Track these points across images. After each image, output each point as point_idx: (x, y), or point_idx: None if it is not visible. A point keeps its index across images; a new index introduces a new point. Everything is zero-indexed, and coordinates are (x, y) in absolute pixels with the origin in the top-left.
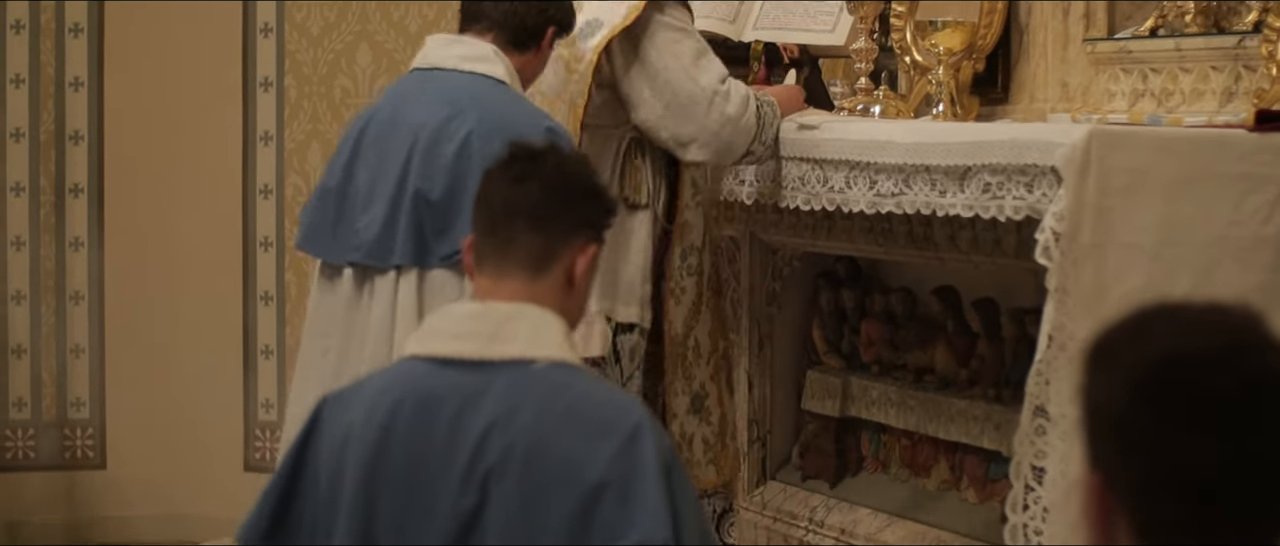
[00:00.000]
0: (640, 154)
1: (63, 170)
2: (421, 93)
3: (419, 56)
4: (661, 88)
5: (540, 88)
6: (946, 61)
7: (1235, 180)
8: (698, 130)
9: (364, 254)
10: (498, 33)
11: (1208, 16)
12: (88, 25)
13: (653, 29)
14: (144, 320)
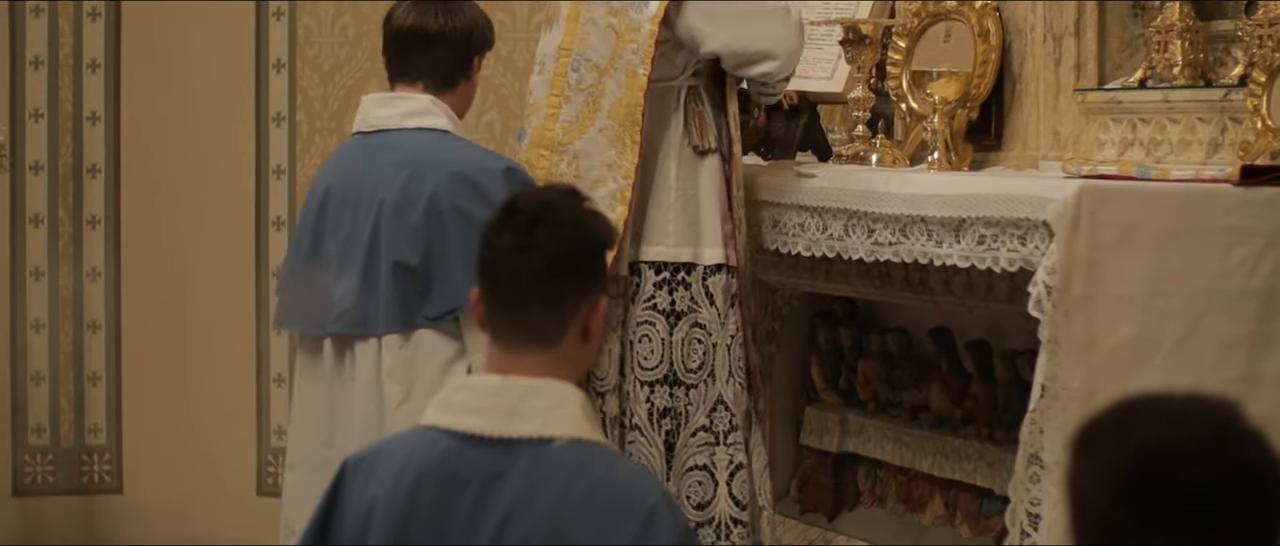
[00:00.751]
0: (700, 99)
1: (81, 202)
2: (373, 158)
3: (359, 118)
4: (730, 15)
5: (586, 56)
6: (942, 110)
7: (1222, 233)
8: (774, 42)
9: (345, 325)
10: (427, 82)
11: (1195, 69)
12: (105, 61)
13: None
14: (160, 348)
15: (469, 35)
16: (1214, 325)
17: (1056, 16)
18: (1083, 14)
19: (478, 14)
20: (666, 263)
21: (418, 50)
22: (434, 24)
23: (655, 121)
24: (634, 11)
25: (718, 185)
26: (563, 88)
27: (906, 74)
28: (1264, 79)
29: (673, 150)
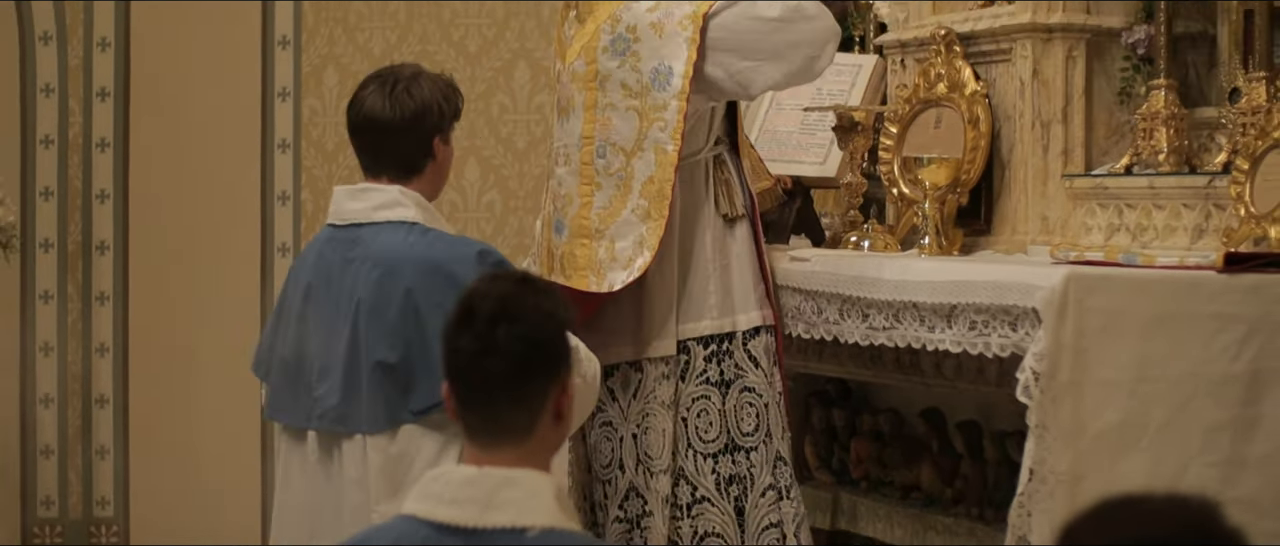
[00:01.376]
0: (725, 167)
1: (90, 279)
2: (348, 255)
3: (332, 210)
4: (754, 51)
5: (611, 140)
6: (932, 195)
7: (1206, 320)
8: (810, 43)
9: (329, 422)
10: (391, 173)
11: (1180, 156)
12: (114, 140)
13: (713, 39)
14: (167, 422)
15: (424, 118)
16: (1199, 409)
17: (1044, 104)
18: (1070, 101)
19: (434, 90)
20: (713, 336)
21: (376, 141)
22: (386, 113)
23: (687, 195)
24: (656, 91)
25: (749, 250)
26: (592, 175)
27: (898, 160)
28: (1247, 166)
29: (707, 222)
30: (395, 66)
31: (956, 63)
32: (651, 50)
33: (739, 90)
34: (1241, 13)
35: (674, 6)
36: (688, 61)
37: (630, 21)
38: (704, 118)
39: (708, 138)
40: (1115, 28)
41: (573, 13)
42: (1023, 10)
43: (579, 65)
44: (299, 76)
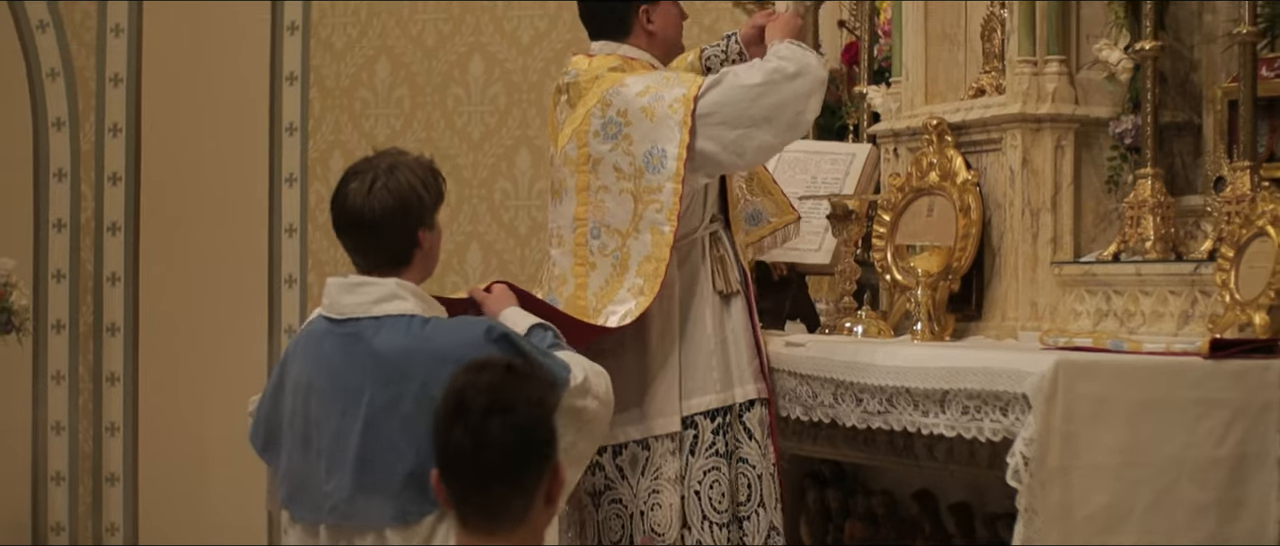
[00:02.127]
0: (721, 243)
1: (100, 360)
2: (352, 353)
3: (326, 303)
4: (742, 120)
5: (605, 222)
6: (925, 282)
7: (1191, 405)
8: (795, 109)
9: (339, 517)
10: (383, 268)
11: (1166, 243)
12: (124, 224)
13: (702, 116)
14: (176, 504)
15: (406, 212)
16: (1184, 492)
17: (1034, 192)
18: (1059, 190)
19: (414, 179)
20: (719, 409)
21: (362, 239)
22: (368, 211)
23: (686, 273)
24: (650, 174)
25: (745, 324)
26: (586, 256)
27: (891, 247)
28: (1232, 254)
29: (706, 299)
30: (373, 158)
31: (948, 152)
32: (644, 134)
33: (734, 160)
34: (1226, 103)
35: (663, 90)
36: (681, 143)
37: (621, 105)
38: (699, 196)
39: (703, 215)
40: (1103, 118)
41: (564, 97)
42: (1013, 101)
43: (571, 149)
44: (306, 162)
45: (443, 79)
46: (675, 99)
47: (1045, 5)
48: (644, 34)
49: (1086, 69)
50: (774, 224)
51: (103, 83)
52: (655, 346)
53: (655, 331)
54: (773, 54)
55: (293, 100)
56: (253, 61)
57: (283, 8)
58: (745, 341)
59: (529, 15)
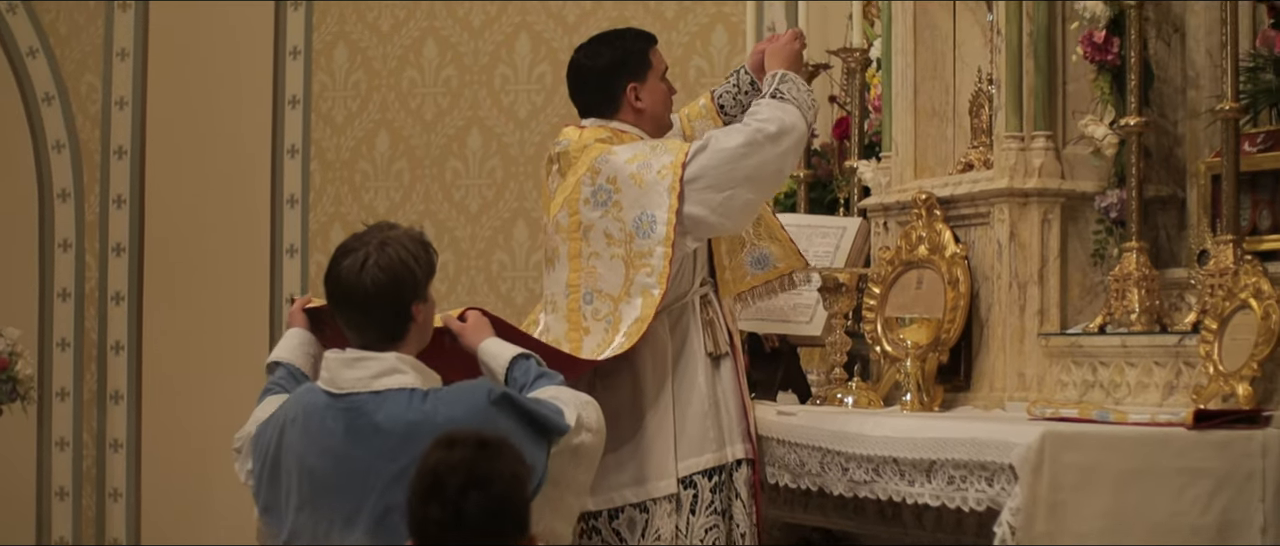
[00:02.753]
0: (711, 305)
1: (104, 427)
2: (354, 425)
3: (326, 376)
4: (727, 182)
5: (597, 288)
6: (914, 353)
7: (1176, 474)
8: (775, 167)
9: None
10: (382, 343)
11: (1151, 316)
12: (128, 292)
13: (689, 181)
14: None
15: (399, 289)
16: None
17: (1021, 265)
18: (1046, 263)
19: (405, 254)
20: (716, 467)
21: (356, 318)
22: (361, 287)
23: (679, 337)
24: (640, 239)
25: (734, 385)
26: (579, 320)
27: (881, 319)
28: (1216, 326)
29: (698, 361)
30: (364, 234)
31: (937, 226)
32: (633, 200)
33: (723, 221)
34: (1209, 178)
35: (651, 158)
36: (670, 208)
37: (610, 173)
38: (689, 260)
39: (694, 279)
40: (1089, 192)
41: (555, 166)
42: (1000, 176)
43: (562, 216)
44: (306, 234)
45: (441, 152)
46: (663, 166)
47: (1032, 82)
48: (632, 111)
49: (1073, 144)
50: (780, 268)
51: (107, 155)
52: (649, 410)
53: (649, 395)
54: (754, 114)
55: (294, 173)
56: (254, 135)
57: (284, 82)
58: (734, 402)
59: (526, 90)
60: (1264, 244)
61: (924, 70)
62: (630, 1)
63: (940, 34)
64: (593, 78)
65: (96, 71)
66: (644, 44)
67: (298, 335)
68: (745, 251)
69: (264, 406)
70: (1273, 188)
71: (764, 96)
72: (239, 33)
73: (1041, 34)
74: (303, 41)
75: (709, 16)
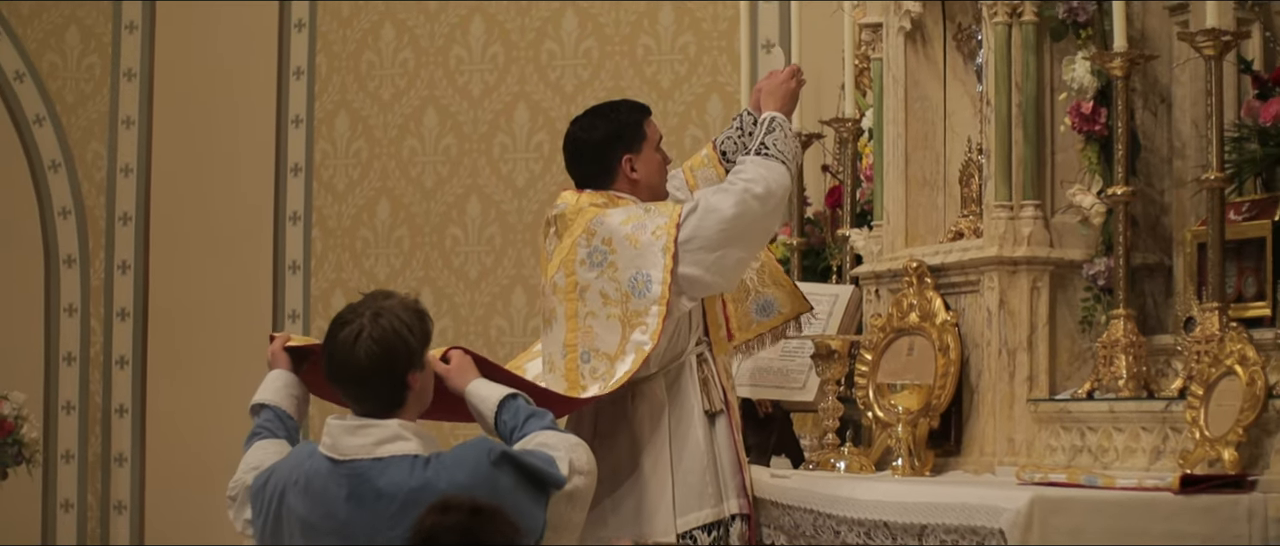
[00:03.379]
0: (706, 364)
1: (108, 490)
2: (356, 491)
3: (327, 441)
4: (720, 242)
5: (595, 347)
6: (905, 419)
7: (1163, 538)
8: (764, 225)
9: None
10: (382, 413)
11: (1139, 382)
12: (133, 357)
13: (683, 242)
14: None
15: (394, 362)
16: None
17: (1011, 332)
18: (1035, 330)
19: (399, 325)
20: (714, 523)
21: (353, 390)
22: (355, 365)
23: (676, 394)
24: (636, 299)
25: (729, 441)
26: (578, 380)
27: (873, 385)
28: (1202, 392)
29: (696, 419)
30: (358, 306)
31: (928, 293)
32: (628, 260)
33: (717, 279)
34: (1195, 246)
35: (645, 220)
36: (665, 268)
37: (605, 235)
38: (685, 320)
39: (690, 338)
40: (1077, 260)
41: (552, 229)
42: (990, 244)
43: (559, 278)
44: (308, 300)
45: (441, 220)
46: (658, 226)
47: (1021, 152)
48: (628, 181)
49: (1061, 213)
50: (785, 313)
51: (112, 221)
52: (647, 466)
53: (646, 452)
54: (740, 173)
55: (296, 239)
56: (257, 201)
57: (287, 150)
58: (730, 458)
59: (524, 159)
60: (1249, 311)
61: (915, 140)
62: (626, 72)
63: (931, 104)
64: (589, 150)
65: (102, 139)
66: (638, 116)
67: (281, 377)
68: (750, 300)
69: (254, 451)
70: (1257, 256)
71: (750, 150)
72: (242, 101)
73: (1030, 104)
74: (305, 110)
75: (704, 86)
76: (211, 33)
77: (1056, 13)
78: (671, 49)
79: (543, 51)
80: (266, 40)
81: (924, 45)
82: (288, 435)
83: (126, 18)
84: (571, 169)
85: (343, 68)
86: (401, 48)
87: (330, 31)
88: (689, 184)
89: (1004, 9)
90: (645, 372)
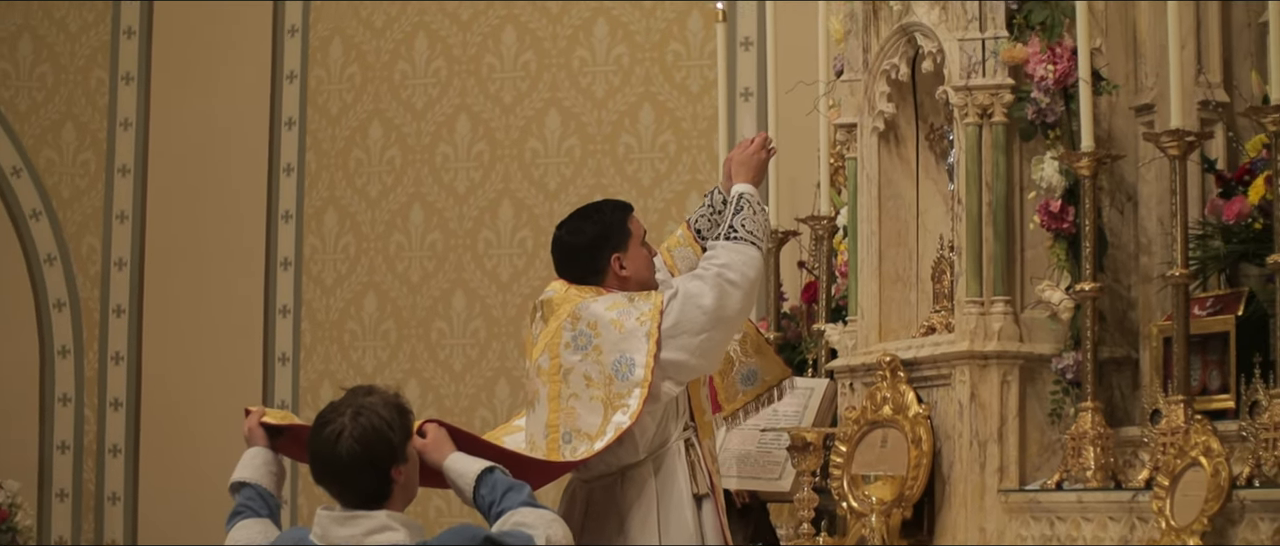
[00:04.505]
0: (692, 450)
1: (101, 527)
2: None
3: (319, 532)
4: (701, 328)
5: (577, 427)
6: (878, 509)
7: None
8: (740, 307)
9: None
10: (368, 505)
11: (1106, 472)
12: (125, 445)
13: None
14: None
15: (375, 458)
16: None
17: (982, 425)
18: (1005, 422)
19: (380, 422)
20: None
21: (339, 487)
22: (337, 459)
23: (666, 478)
24: (619, 382)
25: (716, 524)
26: (556, 459)
27: (847, 476)
28: (1167, 483)
29: (685, 502)
30: (339, 403)
31: (901, 387)
32: (612, 344)
33: (701, 362)
34: (1161, 340)
35: (630, 307)
36: (649, 353)
37: (590, 319)
38: (672, 406)
39: (677, 424)
40: (1046, 354)
41: (538, 314)
42: (961, 339)
43: (543, 361)
44: (297, 391)
45: (427, 314)
46: (643, 314)
47: (992, 249)
48: (617, 278)
49: (1030, 308)
50: (768, 381)
51: (106, 313)
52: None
53: (635, 535)
54: (713, 258)
55: (285, 332)
56: (248, 294)
57: (277, 244)
58: (715, 540)
59: (508, 254)
60: (1213, 403)
61: (888, 237)
62: (608, 169)
63: (904, 203)
64: (578, 252)
65: (97, 233)
66: (622, 215)
67: (260, 454)
68: (735, 370)
69: (239, 531)
70: (1221, 349)
71: (720, 232)
72: (233, 197)
73: (1000, 203)
74: (295, 206)
75: (683, 184)
76: (204, 130)
77: (1026, 114)
78: (652, 147)
79: (527, 149)
80: (258, 138)
81: (897, 145)
82: (269, 513)
83: (121, 115)
84: (562, 271)
85: (331, 164)
86: (389, 145)
87: (319, 129)
88: (668, 265)
89: (975, 110)
90: (634, 458)
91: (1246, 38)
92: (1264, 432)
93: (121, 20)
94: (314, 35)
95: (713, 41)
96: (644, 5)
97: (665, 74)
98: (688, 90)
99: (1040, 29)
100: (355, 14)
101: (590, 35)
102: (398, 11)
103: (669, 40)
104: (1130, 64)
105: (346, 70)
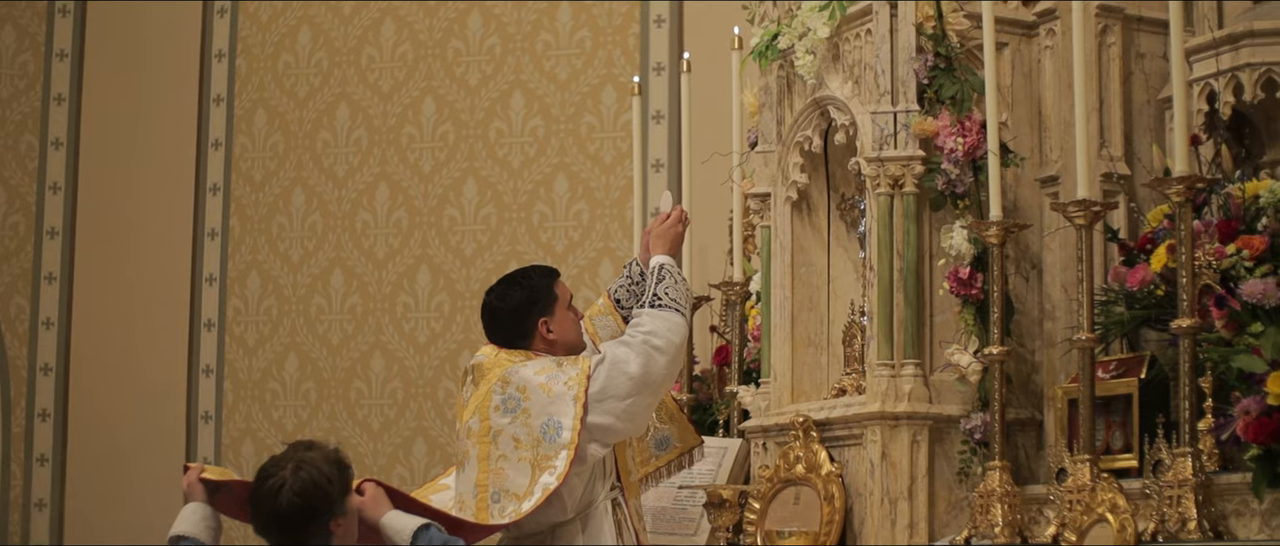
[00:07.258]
0: (619, 509)
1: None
2: None
3: None
4: (628, 393)
5: (505, 488)
6: None
7: None
8: (665, 372)
9: None
10: None
11: (1013, 529)
12: (51, 501)
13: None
14: None
15: (315, 511)
16: None
17: (892, 483)
18: (915, 481)
19: (319, 476)
20: None
21: (279, 535)
22: (278, 514)
23: (591, 535)
24: (546, 443)
25: None
26: (487, 518)
27: (761, 532)
28: (1074, 538)
29: None
30: (280, 458)
31: (813, 446)
32: (541, 407)
33: (627, 426)
34: (1066, 401)
35: (558, 372)
36: (576, 417)
37: (519, 383)
38: (599, 467)
39: (605, 483)
40: (954, 415)
41: (469, 378)
42: (872, 400)
43: (474, 423)
44: (219, 448)
45: (346, 374)
46: (570, 378)
47: (902, 314)
48: (545, 341)
49: (939, 371)
50: (679, 448)
51: (33, 371)
52: None
53: None
54: (639, 325)
55: (208, 391)
56: (171, 356)
57: (200, 306)
58: None
59: (425, 318)
60: (1117, 462)
61: (800, 303)
62: (522, 237)
63: (816, 269)
64: (506, 317)
65: (26, 294)
66: (549, 280)
67: (198, 509)
68: (650, 435)
69: None
70: (1124, 410)
71: (644, 300)
72: (158, 260)
73: (910, 270)
74: (218, 269)
75: (596, 251)
76: (131, 195)
77: (936, 184)
78: (566, 216)
79: (445, 217)
80: (183, 204)
81: (809, 214)
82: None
83: (51, 179)
84: (491, 335)
85: (255, 230)
86: (310, 212)
87: (243, 195)
88: (589, 333)
89: (887, 180)
90: (563, 517)
91: (1146, 114)
92: (1168, 490)
93: (51, 88)
94: (238, 104)
95: (626, 114)
96: (559, 79)
97: (579, 145)
98: (601, 161)
99: (950, 103)
100: (279, 84)
101: (507, 107)
102: (320, 82)
103: (583, 113)
104: (1035, 137)
105: (270, 139)
